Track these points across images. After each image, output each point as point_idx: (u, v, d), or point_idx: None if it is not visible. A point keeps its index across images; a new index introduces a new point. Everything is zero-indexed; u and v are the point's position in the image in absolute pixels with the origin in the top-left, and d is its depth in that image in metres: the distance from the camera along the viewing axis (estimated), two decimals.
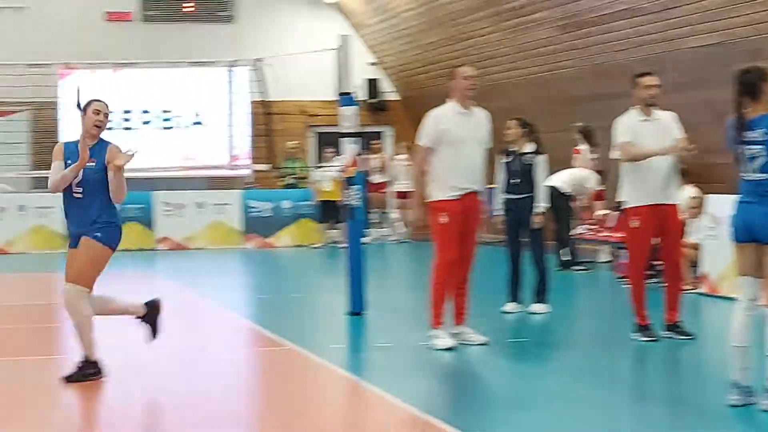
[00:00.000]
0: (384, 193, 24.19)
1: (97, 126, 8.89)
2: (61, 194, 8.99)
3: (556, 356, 10.30)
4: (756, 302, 7.58)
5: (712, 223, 13.49)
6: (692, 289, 13.44)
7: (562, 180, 16.67)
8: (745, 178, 7.53)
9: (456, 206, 10.13)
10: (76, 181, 8.85)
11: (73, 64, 23.55)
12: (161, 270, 19.38)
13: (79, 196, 8.88)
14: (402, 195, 23.64)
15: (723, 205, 11.53)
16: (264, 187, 24.56)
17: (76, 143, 8.90)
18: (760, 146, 7.40)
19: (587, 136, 17.75)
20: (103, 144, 8.94)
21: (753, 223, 7.44)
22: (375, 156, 24.02)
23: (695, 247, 13.99)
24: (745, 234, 7.51)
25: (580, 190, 17.15)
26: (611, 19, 17.35)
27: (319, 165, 24.18)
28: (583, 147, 17.70)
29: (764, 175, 7.39)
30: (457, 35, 22.05)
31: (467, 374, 9.53)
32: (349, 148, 12.68)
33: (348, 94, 12.68)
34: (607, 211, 16.84)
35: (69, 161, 8.85)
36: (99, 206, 8.88)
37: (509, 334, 11.39)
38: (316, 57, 15.19)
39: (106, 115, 8.94)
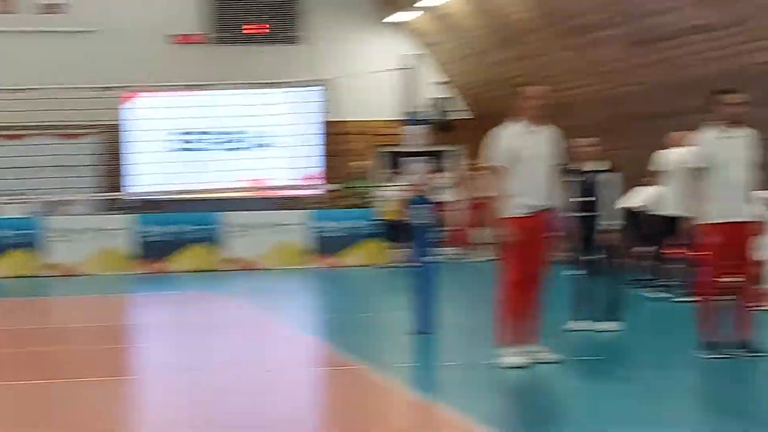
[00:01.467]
0: (452, 211, 23.98)
1: None
2: None
3: (629, 375, 10.08)
4: None
5: None
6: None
7: (642, 199, 16.50)
8: None
9: (527, 224, 10.00)
10: None
11: (139, 87, 23.77)
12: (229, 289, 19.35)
13: None
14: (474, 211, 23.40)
15: None
16: (332, 207, 24.52)
17: None
18: None
19: None
20: None
21: None
22: (442, 174, 23.89)
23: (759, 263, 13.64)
24: None
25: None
26: (681, 34, 17.12)
27: (383, 184, 24.04)
28: None
29: None
30: (526, 54, 21.93)
31: (540, 393, 9.38)
32: (414, 167, 12.62)
33: (413, 113, 12.62)
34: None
35: None
36: None
37: (581, 352, 11.21)
38: (386, 77, 15.13)
39: None
